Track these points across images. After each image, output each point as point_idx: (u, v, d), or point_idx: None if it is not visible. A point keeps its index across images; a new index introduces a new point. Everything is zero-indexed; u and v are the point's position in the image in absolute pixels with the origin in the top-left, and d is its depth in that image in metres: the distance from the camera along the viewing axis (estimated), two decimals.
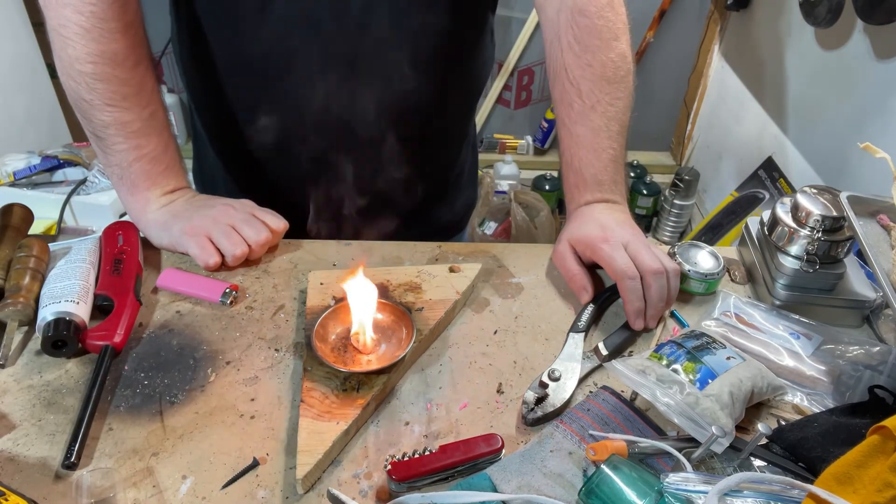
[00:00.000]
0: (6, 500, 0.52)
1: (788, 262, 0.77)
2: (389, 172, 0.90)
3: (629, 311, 0.74)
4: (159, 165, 0.83)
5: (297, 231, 0.88)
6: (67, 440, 0.60)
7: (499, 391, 0.68)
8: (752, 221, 0.86)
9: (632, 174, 2.56)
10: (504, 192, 2.46)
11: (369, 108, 0.85)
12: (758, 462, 0.59)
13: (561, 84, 0.81)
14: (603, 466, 0.53)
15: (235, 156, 0.95)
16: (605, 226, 0.78)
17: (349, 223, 0.94)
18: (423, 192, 1.00)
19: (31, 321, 0.71)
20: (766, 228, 0.81)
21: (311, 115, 0.86)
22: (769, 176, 1.97)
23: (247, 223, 0.82)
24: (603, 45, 0.78)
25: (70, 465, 0.57)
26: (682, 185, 2.40)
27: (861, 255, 0.76)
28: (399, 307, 0.72)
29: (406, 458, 0.58)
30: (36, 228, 0.89)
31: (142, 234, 0.84)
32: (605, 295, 0.79)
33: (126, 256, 0.77)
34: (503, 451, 0.60)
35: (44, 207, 1.54)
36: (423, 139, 0.92)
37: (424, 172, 0.97)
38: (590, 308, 0.76)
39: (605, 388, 0.67)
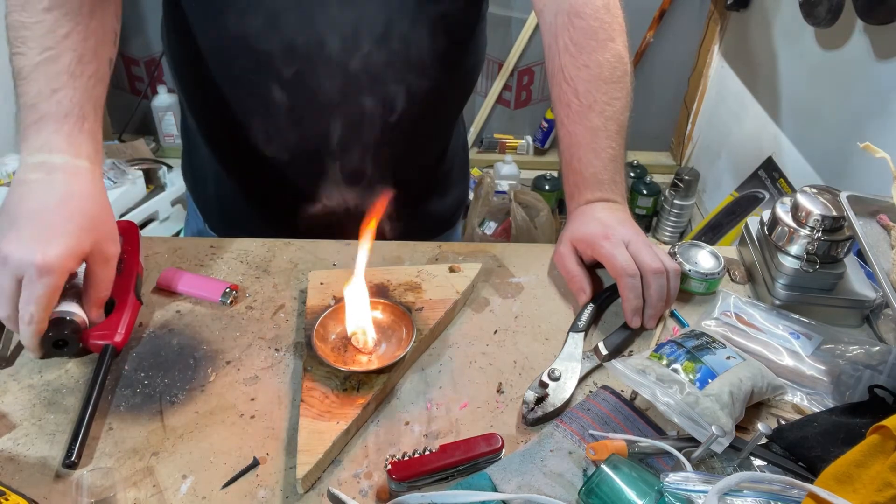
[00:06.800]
0: (6, 499, 0.53)
1: (788, 262, 0.77)
2: (382, 165, 0.90)
3: (626, 309, 0.74)
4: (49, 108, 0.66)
5: (291, 228, 0.87)
6: (68, 440, 0.60)
7: (499, 391, 0.68)
8: (752, 221, 0.86)
9: (632, 174, 2.56)
10: (504, 192, 2.46)
11: (363, 99, 0.84)
12: (758, 462, 0.59)
13: (558, 85, 0.81)
14: (603, 466, 0.53)
15: (227, 148, 0.94)
16: (606, 224, 0.78)
17: (341, 219, 0.94)
18: (415, 186, 0.99)
19: None
20: (766, 228, 0.81)
21: (301, 104, 0.85)
22: (769, 176, 1.98)
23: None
24: (598, 46, 0.79)
25: (70, 464, 0.57)
26: (682, 185, 2.41)
27: (861, 255, 0.76)
28: (399, 307, 0.72)
29: (406, 458, 0.58)
30: None
31: (142, 234, 0.83)
32: (604, 294, 0.79)
33: (126, 256, 0.77)
34: (503, 450, 0.60)
35: None
36: (416, 132, 0.92)
37: (416, 166, 0.97)
38: (589, 308, 0.76)
39: (605, 387, 0.67)
